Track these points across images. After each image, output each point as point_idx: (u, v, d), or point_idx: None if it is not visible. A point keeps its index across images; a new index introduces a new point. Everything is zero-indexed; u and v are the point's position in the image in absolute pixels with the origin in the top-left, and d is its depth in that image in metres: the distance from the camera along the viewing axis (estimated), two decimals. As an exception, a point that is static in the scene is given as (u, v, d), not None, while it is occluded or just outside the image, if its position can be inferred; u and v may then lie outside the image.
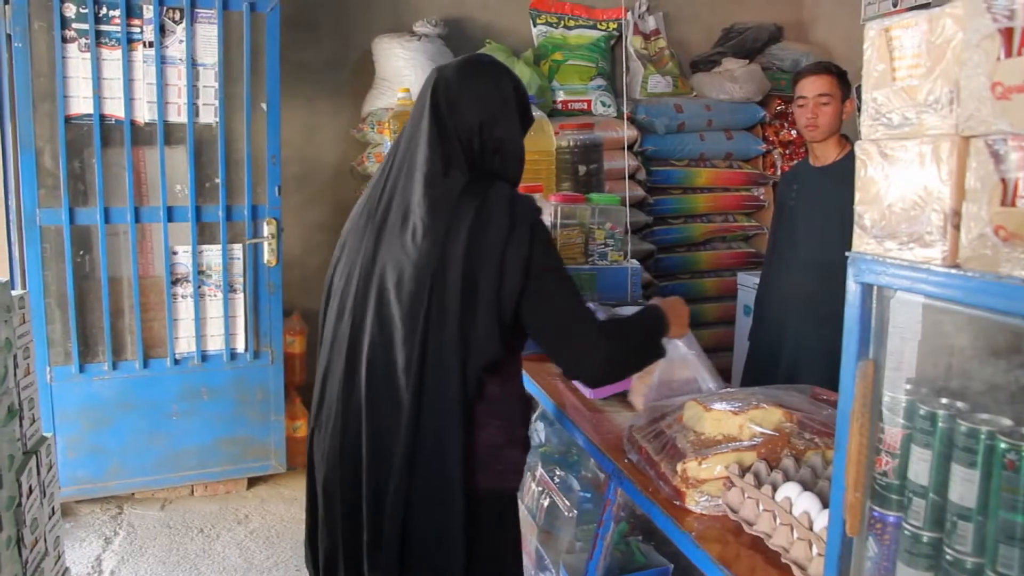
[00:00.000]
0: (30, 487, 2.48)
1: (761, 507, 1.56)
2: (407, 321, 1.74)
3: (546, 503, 2.53)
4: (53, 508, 2.78)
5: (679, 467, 1.74)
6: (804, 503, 1.46)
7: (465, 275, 1.71)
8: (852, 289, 1.14)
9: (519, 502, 2.17)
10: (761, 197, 5.30)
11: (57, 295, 3.93)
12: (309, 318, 4.76)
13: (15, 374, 2.43)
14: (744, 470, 1.68)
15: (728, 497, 1.66)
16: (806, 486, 1.52)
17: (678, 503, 1.74)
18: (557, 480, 2.58)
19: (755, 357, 3.47)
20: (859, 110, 3.33)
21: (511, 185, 1.92)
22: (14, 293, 2.51)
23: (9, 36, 3.73)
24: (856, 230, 1.14)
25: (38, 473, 2.59)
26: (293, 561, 3.67)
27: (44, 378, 3.85)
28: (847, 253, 1.15)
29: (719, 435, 1.80)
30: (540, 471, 2.62)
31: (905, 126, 1.05)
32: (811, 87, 3.10)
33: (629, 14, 5.23)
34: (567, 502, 2.45)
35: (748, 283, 4.61)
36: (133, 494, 4.14)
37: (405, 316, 1.75)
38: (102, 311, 3.99)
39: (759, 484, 1.60)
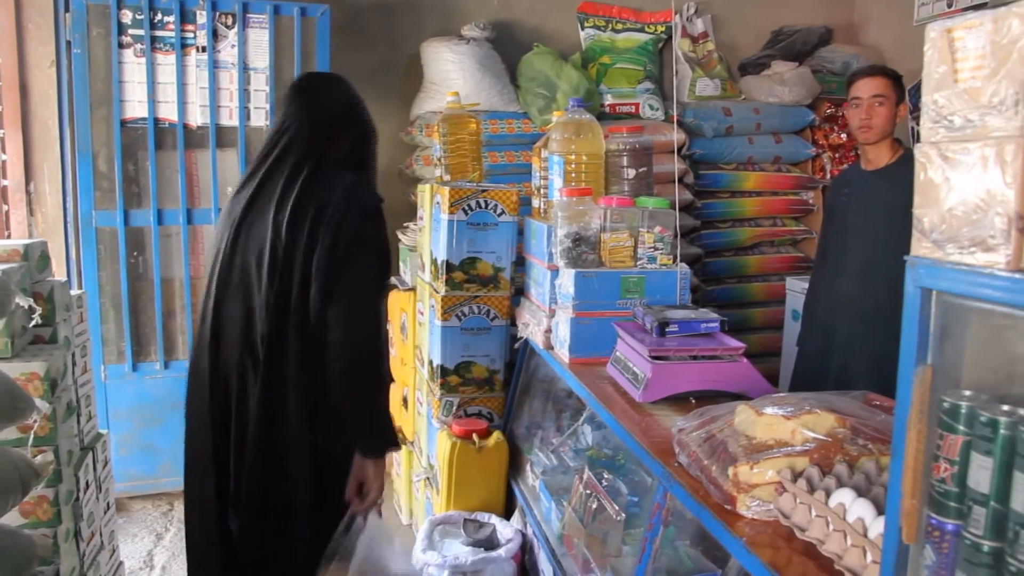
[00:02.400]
0: (87, 482, 2.53)
1: (814, 512, 1.54)
2: None
3: (594, 506, 2.52)
4: (108, 503, 2.84)
5: (730, 471, 1.73)
6: (858, 509, 1.45)
7: None
8: (911, 293, 1.13)
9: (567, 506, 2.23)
10: (810, 201, 5.24)
11: (111, 295, 4.01)
12: (356, 320, 4.79)
13: (73, 372, 2.49)
14: (796, 475, 1.66)
15: (780, 502, 1.64)
16: (860, 492, 1.50)
17: (729, 507, 1.73)
18: (605, 483, 2.57)
19: (804, 362, 3.43)
20: (912, 113, 3.30)
21: None
22: (72, 293, 2.56)
23: (69, 43, 3.83)
24: (915, 234, 1.12)
25: (94, 469, 2.65)
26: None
27: (99, 376, 3.92)
28: (905, 257, 1.13)
29: (771, 439, 1.78)
30: (587, 474, 2.62)
31: (967, 128, 1.04)
32: (866, 88, 3.07)
33: (677, 17, 5.21)
34: (615, 506, 2.44)
35: (796, 288, 4.56)
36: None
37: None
38: (154, 311, 4.06)
39: (812, 489, 1.58)
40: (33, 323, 2.28)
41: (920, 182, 1.11)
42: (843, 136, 5.23)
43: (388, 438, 2.30)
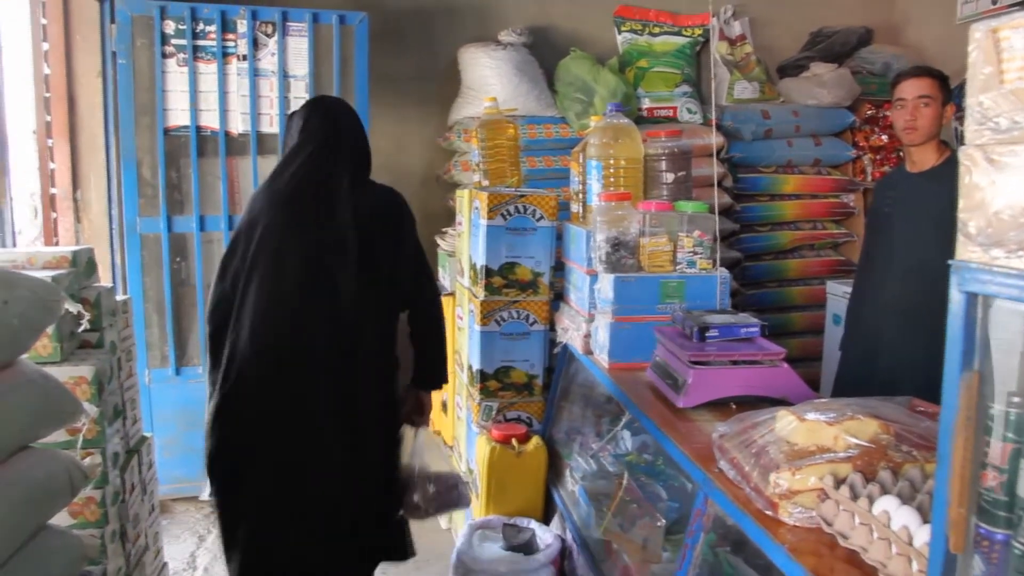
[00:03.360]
0: (132, 484, 2.57)
1: (857, 520, 1.53)
2: None
3: (634, 511, 2.51)
4: (153, 505, 2.88)
5: (772, 477, 1.71)
6: (903, 517, 1.43)
7: None
8: (956, 298, 1.11)
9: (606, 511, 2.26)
10: (851, 204, 5.19)
11: (155, 300, 4.07)
12: (396, 325, 4.81)
13: (119, 376, 2.52)
14: (839, 482, 1.64)
15: (822, 509, 1.63)
16: (904, 500, 1.48)
17: (770, 514, 1.72)
18: (645, 489, 2.56)
19: (847, 367, 3.39)
20: (955, 115, 3.25)
21: None
22: (118, 298, 2.60)
23: (114, 53, 3.89)
24: (960, 238, 1.11)
25: (139, 471, 2.69)
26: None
27: (143, 380, 3.97)
28: (950, 261, 1.11)
29: (813, 446, 1.77)
30: (627, 479, 2.61)
31: (1014, 130, 1.02)
32: (911, 88, 3.03)
33: (715, 19, 5.18)
34: (655, 511, 2.43)
35: (838, 292, 4.51)
36: (226, 495, 4.24)
37: None
38: (197, 316, 4.11)
39: (855, 496, 1.57)
40: (81, 328, 2.32)
41: (965, 185, 1.10)
42: (884, 138, 5.17)
43: (446, 376, 2.82)
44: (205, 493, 2.67)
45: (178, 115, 4.00)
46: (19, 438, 1.71)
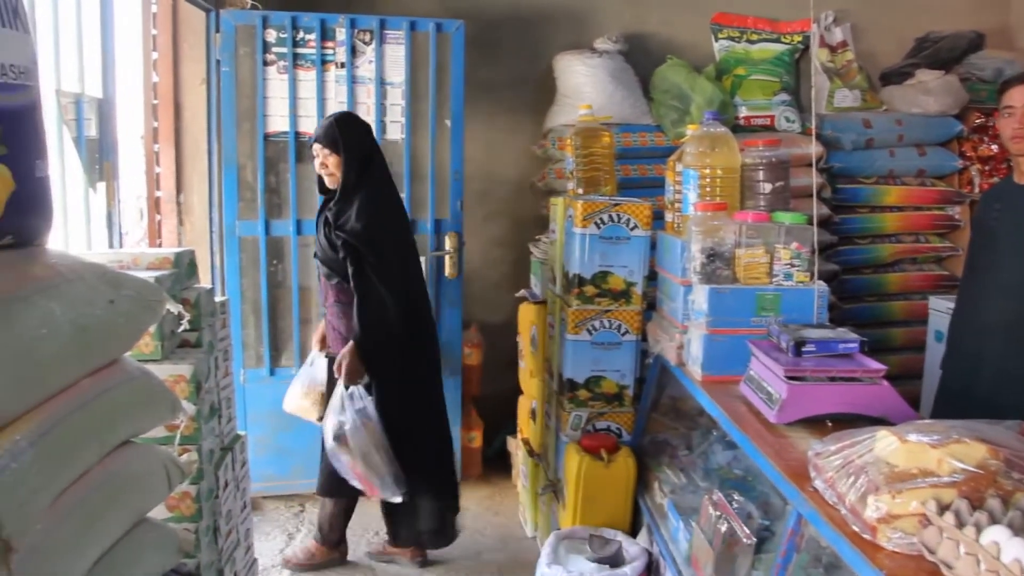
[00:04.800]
0: (226, 481, 2.62)
1: (963, 549, 1.47)
2: None
3: (723, 528, 2.46)
4: (245, 502, 2.94)
5: (870, 500, 1.66)
6: (1015, 549, 1.36)
7: None
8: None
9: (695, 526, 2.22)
10: (956, 216, 5.02)
11: (252, 302, 4.17)
12: (487, 331, 4.85)
13: (216, 375, 2.58)
14: (943, 508, 1.58)
15: (924, 536, 1.57)
16: (1016, 531, 1.42)
17: (868, 538, 1.66)
18: (735, 505, 2.51)
19: (948, 387, 3.27)
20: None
21: None
22: (216, 299, 2.67)
23: (218, 61, 4.01)
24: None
25: (233, 468, 2.74)
26: (464, 569, 3.73)
27: (239, 380, 4.07)
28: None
29: (915, 468, 1.70)
30: (717, 494, 2.56)
31: None
32: (1020, 95, 2.91)
33: (815, 26, 5.07)
34: (745, 529, 2.38)
35: (941, 307, 4.35)
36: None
37: None
38: (292, 318, 4.20)
39: (960, 524, 1.51)
40: (182, 328, 2.38)
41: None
42: (993, 148, 4.98)
43: None
44: None
45: (277, 121, 4.10)
46: (121, 433, 1.76)
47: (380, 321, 3.36)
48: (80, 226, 2.98)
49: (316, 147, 3.45)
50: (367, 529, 4.04)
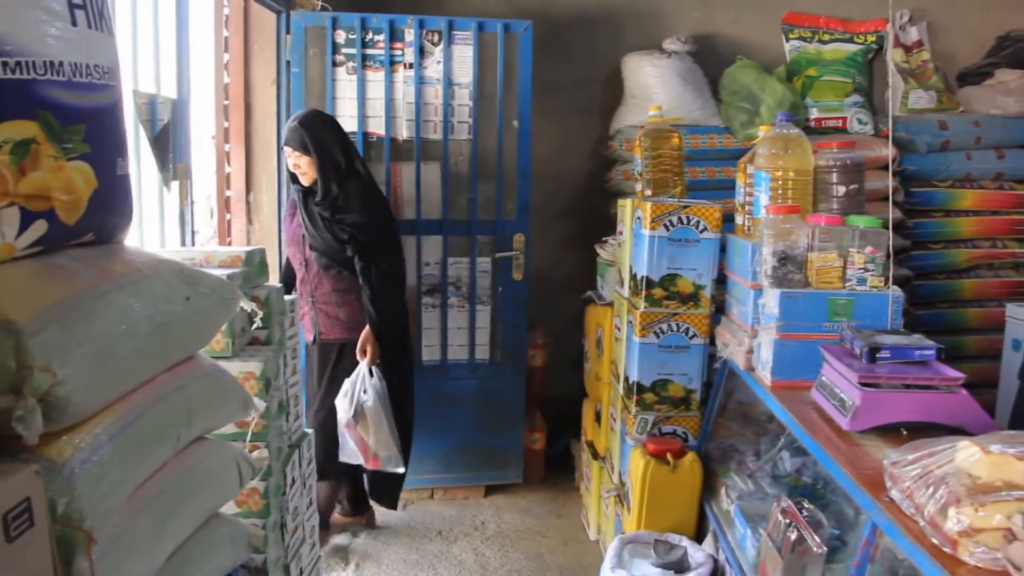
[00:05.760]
0: (293, 478, 2.66)
1: (1050, 565, 1.43)
2: None
3: (792, 536, 2.42)
4: (310, 500, 2.97)
5: (952, 512, 1.62)
6: (1105, 565, 1.32)
7: None
8: None
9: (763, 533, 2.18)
10: (1036, 221, 4.88)
11: (318, 301, 4.19)
12: (552, 333, 4.84)
13: (284, 372, 2.61)
14: (1029, 522, 1.54)
15: (1010, 551, 1.52)
16: (1106, 547, 1.38)
17: (949, 551, 1.62)
18: (805, 513, 2.47)
19: (1026, 396, 3.19)
20: None
21: None
22: (286, 298, 2.70)
23: (288, 62, 4.06)
24: None
25: (300, 466, 2.78)
26: (526, 570, 3.73)
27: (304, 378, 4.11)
28: None
29: (999, 480, 1.65)
30: (786, 502, 2.52)
31: None
32: None
33: (890, 25, 4.97)
34: (816, 538, 2.34)
35: (1019, 315, 4.23)
36: (379, 493, 4.36)
37: None
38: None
39: (1047, 539, 1.46)
40: (253, 326, 2.41)
41: None
42: (1076, 151, 4.83)
43: None
44: None
45: (345, 122, 4.14)
46: (197, 429, 1.79)
47: (393, 305, 3.77)
48: (154, 224, 3.05)
49: (287, 150, 3.65)
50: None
